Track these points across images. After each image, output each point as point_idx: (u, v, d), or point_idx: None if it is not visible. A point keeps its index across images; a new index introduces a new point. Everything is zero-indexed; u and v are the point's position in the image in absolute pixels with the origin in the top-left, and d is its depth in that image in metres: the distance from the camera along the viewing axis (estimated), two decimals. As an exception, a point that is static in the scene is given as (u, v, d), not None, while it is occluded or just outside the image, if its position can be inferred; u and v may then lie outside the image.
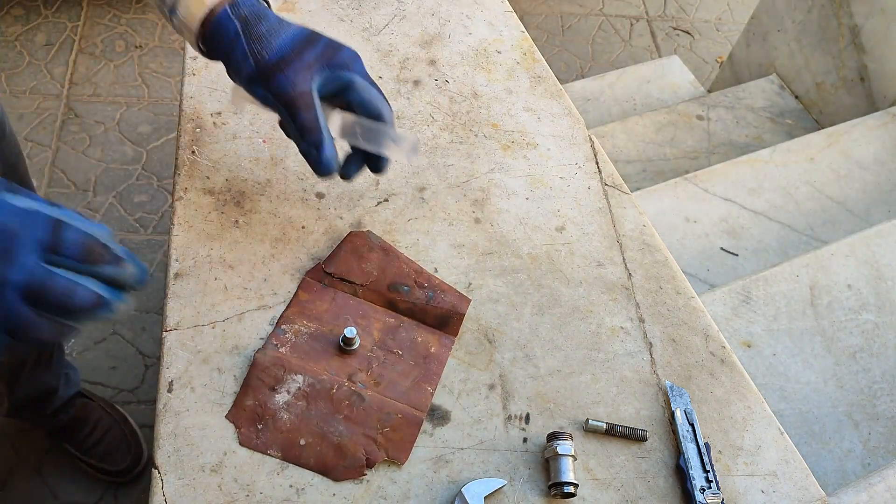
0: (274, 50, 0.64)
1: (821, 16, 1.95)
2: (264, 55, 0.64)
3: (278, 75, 0.64)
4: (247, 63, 0.65)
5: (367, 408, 0.68)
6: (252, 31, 0.65)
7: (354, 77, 0.68)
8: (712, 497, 0.65)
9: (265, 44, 0.65)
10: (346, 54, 0.68)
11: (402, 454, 0.66)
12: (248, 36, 0.65)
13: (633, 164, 1.85)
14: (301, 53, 0.65)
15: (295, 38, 0.66)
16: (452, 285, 0.78)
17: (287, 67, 0.64)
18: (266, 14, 0.66)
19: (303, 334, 0.72)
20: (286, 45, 0.65)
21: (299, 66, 0.64)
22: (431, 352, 0.73)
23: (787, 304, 1.37)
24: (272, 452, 0.65)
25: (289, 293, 0.75)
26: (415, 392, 0.70)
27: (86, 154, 2.13)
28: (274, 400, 0.67)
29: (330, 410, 0.67)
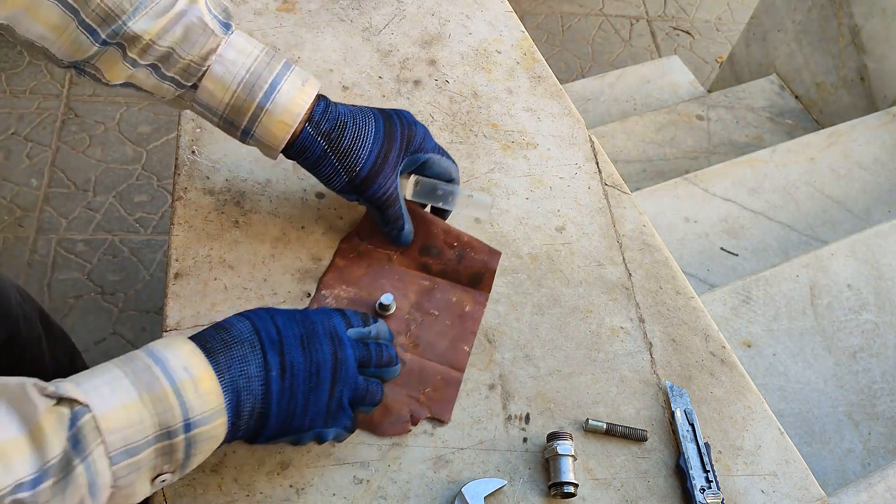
0: (362, 162, 0.69)
1: (821, 16, 1.95)
2: (355, 170, 0.69)
3: (372, 187, 0.70)
4: (338, 178, 0.70)
5: (408, 371, 0.71)
6: (337, 147, 0.69)
7: (430, 156, 0.74)
8: (712, 497, 0.65)
9: (353, 158, 0.69)
10: (419, 136, 0.73)
11: (444, 413, 0.69)
12: (336, 152, 0.69)
13: (633, 164, 1.86)
14: (387, 159, 0.70)
15: (377, 145, 0.70)
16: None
17: (378, 177, 0.70)
18: (344, 122, 0.69)
19: (342, 299, 0.75)
20: (373, 156, 0.69)
21: (388, 172, 0.70)
22: (466, 310, 0.76)
23: (787, 304, 1.37)
24: None
25: (289, 293, 0.75)
26: (452, 352, 0.73)
27: (86, 154, 2.13)
28: None
29: None
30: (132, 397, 0.48)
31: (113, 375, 0.49)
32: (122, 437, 0.47)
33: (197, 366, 0.51)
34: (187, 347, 0.52)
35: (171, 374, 0.50)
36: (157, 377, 0.49)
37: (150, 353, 0.51)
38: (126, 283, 1.88)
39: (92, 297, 1.85)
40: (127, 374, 0.49)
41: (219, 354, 0.53)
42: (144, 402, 0.48)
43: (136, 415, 0.48)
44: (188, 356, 0.52)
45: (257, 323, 0.56)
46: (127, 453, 0.48)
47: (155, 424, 0.49)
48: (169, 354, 0.51)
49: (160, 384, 0.49)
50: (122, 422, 0.47)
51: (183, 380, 0.50)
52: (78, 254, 1.93)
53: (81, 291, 1.86)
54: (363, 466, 0.66)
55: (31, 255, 1.91)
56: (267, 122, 0.67)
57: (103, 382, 0.48)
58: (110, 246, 1.95)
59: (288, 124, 0.67)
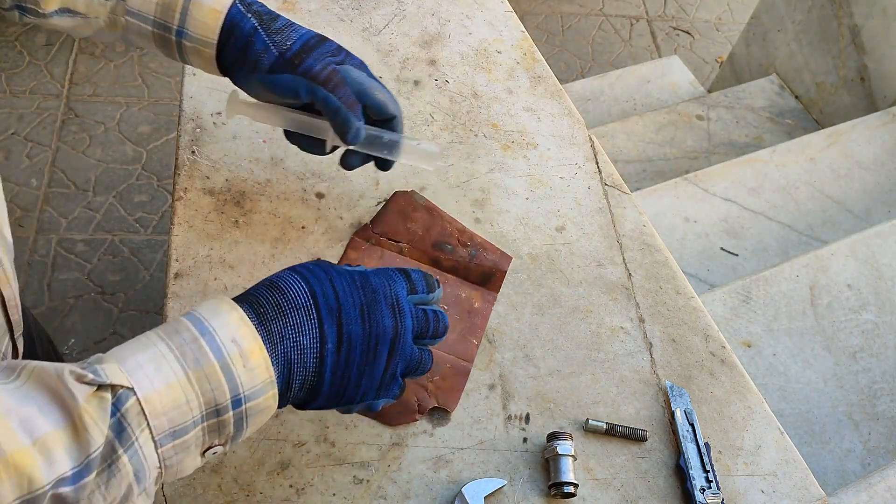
0: (295, 39, 0.66)
1: (821, 16, 1.95)
2: (287, 44, 0.66)
3: (307, 58, 0.66)
4: (269, 53, 0.66)
5: None
6: (269, 26, 0.67)
7: (367, 79, 0.69)
8: (712, 497, 0.65)
9: (285, 35, 0.66)
10: (357, 59, 0.70)
11: (451, 401, 0.70)
12: (266, 30, 0.66)
13: (633, 164, 1.86)
14: (321, 44, 0.67)
15: (311, 33, 0.68)
16: (452, 285, 0.78)
17: (314, 52, 0.66)
18: (276, 14, 0.68)
19: None
20: (306, 36, 0.67)
21: (324, 52, 0.67)
22: (475, 307, 0.76)
23: (787, 304, 1.37)
24: None
25: (289, 293, 0.75)
26: (461, 344, 0.73)
27: (86, 154, 2.13)
28: None
29: None
30: (179, 375, 0.45)
31: (158, 351, 0.46)
32: (169, 419, 0.45)
33: (246, 337, 0.48)
34: (236, 315, 0.49)
35: (219, 348, 0.47)
36: (204, 352, 0.46)
37: (197, 323, 0.48)
38: (126, 283, 1.88)
39: (92, 297, 1.85)
40: (172, 349, 0.46)
41: (271, 322, 0.50)
42: (191, 381, 0.45)
43: (183, 395, 0.45)
44: (237, 326, 0.48)
45: (315, 285, 0.52)
46: (174, 435, 0.45)
47: (202, 404, 0.46)
48: (217, 324, 0.48)
49: (208, 359, 0.46)
50: (168, 403, 0.45)
51: (232, 354, 0.47)
52: (78, 254, 1.93)
53: (81, 291, 1.86)
54: (363, 466, 0.66)
55: (31, 255, 1.91)
56: (197, 13, 0.65)
57: (148, 360, 0.45)
58: (110, 246, 1.95)
59: (218, 10, 0.65)
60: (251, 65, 0.67)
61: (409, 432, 0.68)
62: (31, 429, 0.40)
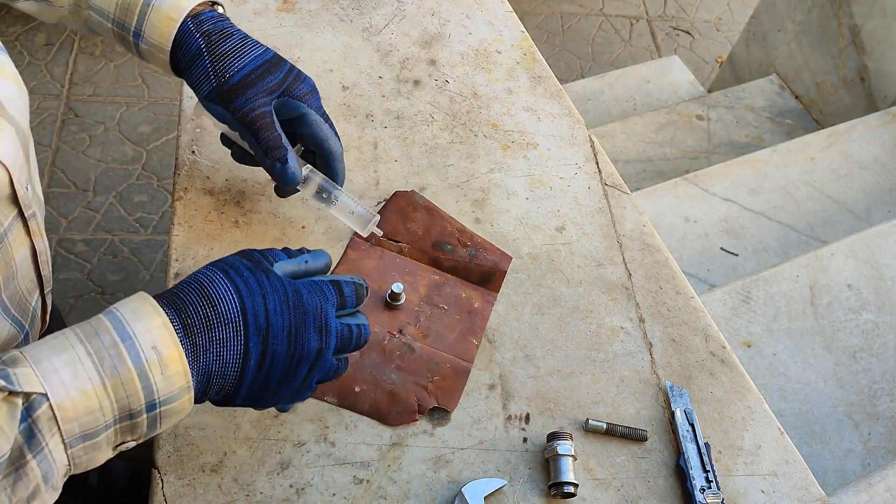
0: (236, 71, 0.65)
1: (821, 16, 1.95)
2: (226, 76, 0.65)
3: (239, 97, 0.65)
4: (207, 81, 0.65)
5: (417, 358, 0.71)
6: (216, 50, 0.65)
7: (308, 111, 0.68)
8: (712, 497, 0.65)
9: (228, 64, 0.65)
10: (306, 87, 0.68)
11: (451, 402, 0.70)
12: (212, 54, 0.65)
13: (633, 164, 1.86)
14: (263, 77, 0.66)
15: (258, 61, 0.66)
16: (452, 285, 0.78)
17: (248, 90, 0.65)
18: (231, 32, 0.66)
19: None
20: (248, 68, 0.65)
21: (261, 90, 0.65)
22: (475, 307, 0.77)
23: (787, 304, 1.37)
24: (329, 399, 0.69)
25: (289, 293, 0.75)
26: (461, 344, 0.74)
27: (86, 154, 2.13)
28: None
29: (382, 360, 0.71)
30: (95, 383, 0.45)
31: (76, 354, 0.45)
32: (80, 424, 0.45)
33: (167, 344, 0.47)
34: (158, 320, 0.48)
35: (138, 354, 0.46)
36: (122, 358, 0.46)
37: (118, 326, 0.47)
38: (126, 283, 1.88)
39: (92, 297, 1.85)
40: (90, 353, 0.45)
41: (197, 335, 0.49)
42: (107, 388, 0.45)
43: (97, 402, 0.45)
44: (159, 332, 0.47)
45: (246, 300, 0.51)
46: (84, 438, 0.45)
47: (116, 410, 0.46)
48: (139, 328, 0.47)
49: (125, 366, 0.46)
50: (82, 410, 0.44)
51: (150, 360, 0.46)
52: (78, 254, 1.93)
53: (81, 291, 1.86)
54: (363, 466, 0.66)
55: (31, 255, 1.91)
56: (154, 19, 0.64)
57: (64, 364, 0.44)
58: (110, 246, 1.95)
59: (173, 19, 0.64)
60: (192, 84, 0.67)
61: (409, 432, 0.68)
62: None
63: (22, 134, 0.58)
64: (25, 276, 0.60)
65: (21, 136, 0.57)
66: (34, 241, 0.59)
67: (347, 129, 0.89)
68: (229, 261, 0.54)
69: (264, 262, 0.54)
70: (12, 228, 0.56)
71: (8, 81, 0.57)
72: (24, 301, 0.60)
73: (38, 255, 0.60)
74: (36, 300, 0.63)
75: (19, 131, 0.57)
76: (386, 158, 0.88)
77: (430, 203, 0.83)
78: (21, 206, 0.56)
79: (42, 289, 0.64)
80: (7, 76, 0.57)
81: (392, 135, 0.90)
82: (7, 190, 0.54)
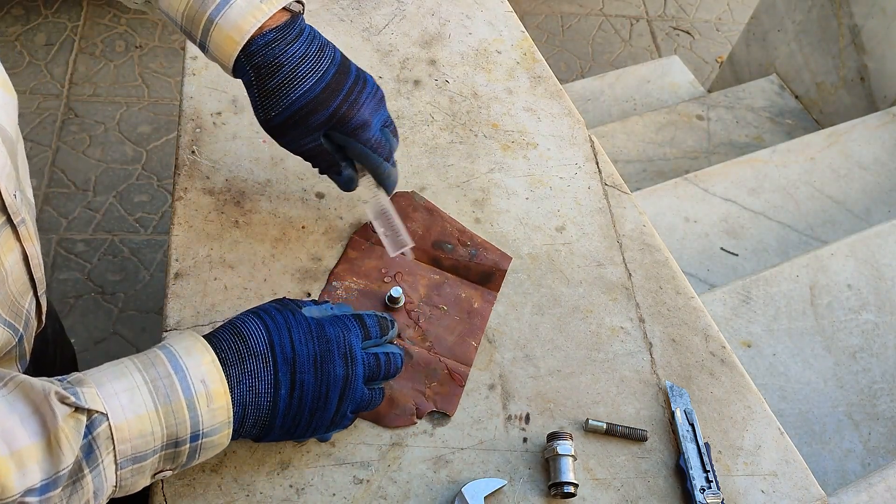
0: (282, 110, 0.64)
1: (821, 16, 1.95)
2: (270, 114, 0.65)
3: (284, 136, 0.67)
4: (257, 114, 0.66)
5: (415, 364, 0.71)
6: (264, 85, 0.64)
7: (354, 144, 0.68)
8: (712, 497, 0.65)
9: (274, 102, 0.64)
10: (356, 120, 0.66)
11: (450, 406, 0.70)
12: (260, 89, 0.64)
13: (633, 164, 1.86)
14: (307, 119, 0.65)
15: (303, 101, 0.64)
16: (452, 285, 0.78)
17: (292, 130, 0.65)
18: (282, 63, 0.63)
19: (353, 290, 0.76)
20: (294, 108, 0.64)
21: (304, 131, 0.65)
22: (475, 307, 0.76)
23: (787, 304, 1.37)
24: None
25: (289, 293, 0.75)
26: (460, 347, 0.73)
27: (86, 154, 2.13)
28: None
29: None
30: (149, 408, 0.49)
31: (134, 382, 0.49)
32: (133, 446, 0.49)
33: (214, 380, 0.52)
34: (208, 357, 0.53)
35: (189, 387, 0.51)
36: (175, 388, 0.50)
37: (172, 359, 0.52)
38: (126, 283, 1.88)
39: (92, 297, 1.85)
40: (147, 381, 0.50)
41: (232, 367, 0.54)
42: (159, 414, 0.49)
43: (150, 426, 0.49)
44: (207, 368, 0.52)
45: (273, 334, 0.56)
46: (134, 460, 0.49)
47: (165, 436, 0.50)
48: (190, 363, 0.52)
49: (177, 395, 0.50)
50: (136, 432, 0.48)
51: (199, 393, 0.51)
52: (78, 254, 1.93)
53: (81, 291, 1.86)
54: (363, 466, 0.66)
55: (31, 255, 1.91)
56: (217, 37, 0.63)
57: (124, 389, 0.49)
58: (110, 246, 1.95)
59: (236, 41, 0.62)
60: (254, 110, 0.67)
61: (409, 432, 0.68)
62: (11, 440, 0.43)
63: (9, 141, 0.58)
64: (17, 280, 0.60)
65: (8, 143, 0.57)
66: (24, 246, 0.60)
67: (347, 129, 0.89)
68: (262, 306, 0.59)
69: (292, 304, 0.59)
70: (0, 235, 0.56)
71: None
72: (16, 304, 0.60)
73: (29, 259, 0.61)
74: (29, 302, 0.63)
75: (6, 138, 0.57)
76: (386, 158, 0.88)
77: (430, 203, 0.83)
78: (9, 213, 0.57)
79: (35, 290, 0.64)
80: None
81: (392, 135, 0.90)
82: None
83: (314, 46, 0.65)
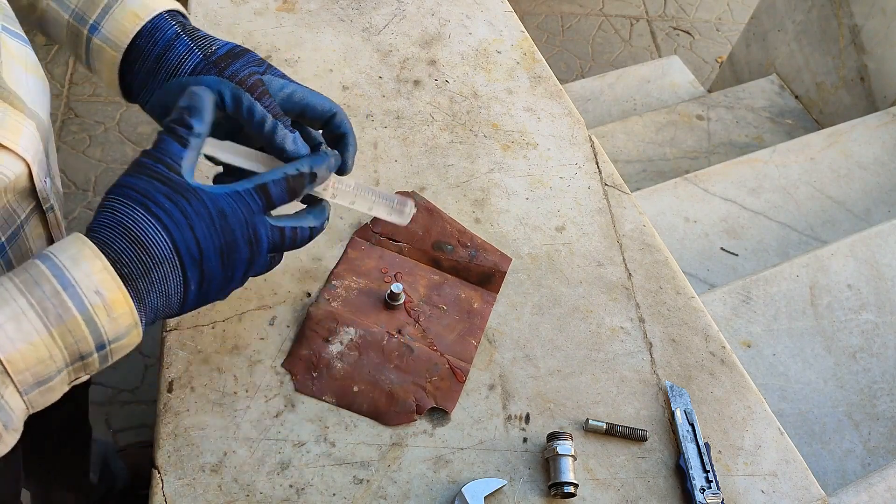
0: (221, 45, 0.63)
1: (821, 16, 1.95)
2: (212, 48, 0.62)
3: (233, 64, 0.61)
4: (192, 55, 0.62)
5: (416, 358, 0.71)
6: (192, 34, 0.63)
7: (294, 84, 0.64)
8: (712, 497, 0.65)
9: (209, 41, 0.63)
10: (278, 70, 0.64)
11: (449, 402, 0.70)
12: (190, 35, 0.63)
13: (633, 164, 1.86)
14: (246, 53, 0.63)
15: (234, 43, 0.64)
16: (452, 285, 0.78)
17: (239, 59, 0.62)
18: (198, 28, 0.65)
19: (353, 290, 0.76)
20: (231, 44, 0.63)
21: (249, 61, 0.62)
22: (474, 307, 0.77)
23: (787, 304, 1.37)
24: (327, 398, 0.69)
25: (289, 293, 0.75)
26: (460, 345, 0.74)
27: (86, 154, 2.13)
28: (328, 350, 0.71)
29: (381, 360, 0.71)
30: (41, 333, 0.45)
31: (18, 307, 0.45)
32: (33, 373, 0.46)
33: (110, 289, 0.48)
34: (99, 264, 0.48)
35: (82, 301, 0.47)
36: (67, 306, 0.46)
37: (59, 274, 0.47)
38: (126, 283, 1.88)
39: (92, 297, 1.85)
40: (32, 304, 0.45)
41: (137, 281, 0.50)
42: (54, 337, 0.46)
43: (46, 351, 0.46)
44: (100, 276, 0.47)
45: (176, 236, 0.51)
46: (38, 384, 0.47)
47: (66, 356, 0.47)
48: (79, 274, 0.47)
49: (70, 314, 0.46)
50: (32, 360, 0.45)
51: (95, 305, 0.47)
52: (78, 254, 1.93)
53: (81, 291, 1.86)
54: (363, 466, 0.66)
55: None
56: (118, 13, 0.62)
57: (7, 318, 0.45)
58: (110, 246, 1.95)
59: (139, 16, 0.62)
60: (171, 69, 0.62)
61: (409, 432, 0.68)
62: None
63: (43, 127, 0.58)
64: None
65: (42, 129, 0.57)
66: (52, 233, 0.60)
67: (347, 129, 0.89)
68: (142, 188, 0.51)
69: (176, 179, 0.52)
70: (29, 221, 0.57)
71: (30, 75, 0.56)
72: None
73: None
74: None
75: (40, 125, 0.57)
76: (386, 158, 0.88)
77: (430, 203, 0.83)
78: (39, 198, 0.57)
79: None
80: (30, 69, 0.56)
81: (392, 135, 0.90)
82: (25, 183, 0.55)
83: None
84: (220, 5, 1.01)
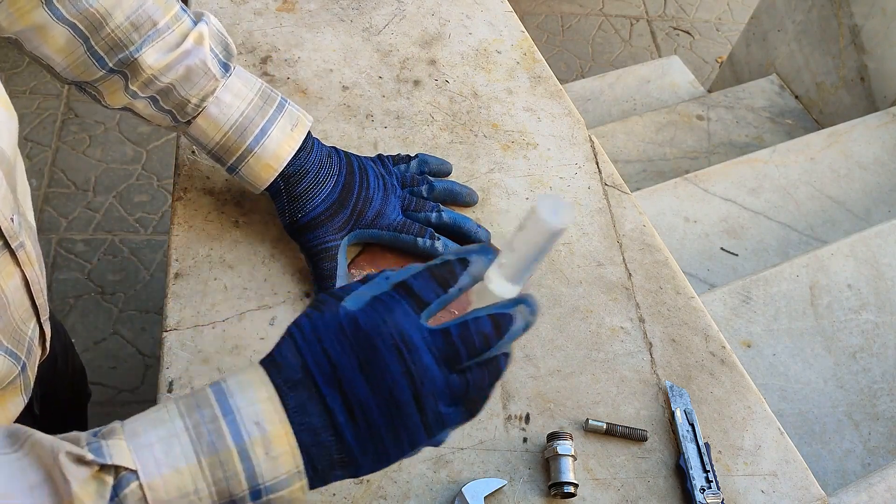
0: (306, 212, 0.72)
1: (821, 16, 1.95)
2: (297, 216, 0.72)
3: (305, 235, 0.73)
4: (283, 217, 0.73)
5: None
6: (292, 190, 0.72)
7: (381, 234, 0.75)
8: (712, 497, 0.65)
9: (300, 205, 0.72)
10: (371, 212, 0.75)
11: None
12: (289, 194, 0.72)
13: (633, 164, 1.86)
14: (331, 218, 0.73)
15: (326, 203, 0.72)
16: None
17: (314, 230, 0.72)
18: (307, 170, 0.72)
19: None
20: (318, 210, 0.72)
21: (329, 229, 0.73)
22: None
23: (787, 304, 1.37)
24: None
25: (289, 293, 0.75)
26: None
27: (86, 154, 2.13)
28: None
29: None
30: (189, 460, 0.40)
31: (173, 429, 0.41)
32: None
33: (271, 421, 0.41)
34: (264, 392, 0.42)
35: (239, 431, 0.41)
36: (222, 434, 0.41)
37: (221, 398, 0.42)
38: (126, 283, 1.89)
39: (92, 297, 1.86)
40: (188, 427, 0.41)
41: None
42: (202, 467, 0.40)
43: (191, 483, 0.40)
44: (264, 406, 0.41)
45: (306, 355, 0.43)
46: None
47: (214, 493, 0.41)
48: (242, 402, 0.41)
49: (224, 443, 0.41)
50: (174, 490, 0.40)
51: (253, 438, 0.41)
52: (78, 254, 1.93)
53: (81, 291, 1.86)
54: (363, 466, 0.65)
55: (31, 255, 1.91)
56: (253, 164, 0.71)
57: (159, 439, 0.40)
58: (110, 246, 1.95)
59: (273, 168, 0.71)
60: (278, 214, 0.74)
61: (409, 432, 0.68)
62: None
63: (6, 162, 0.56)
64: (19, 307, 0.58)
65: (4, 164, 0.56)
66: (25, 271, 0.57)
67: (347, 130, 0.89)
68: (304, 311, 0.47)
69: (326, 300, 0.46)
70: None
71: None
72: (18, 331, 0.59)
73: (30, 284, 0.59)
74: (32, 328, 0.62)
75: (3, 161, 0.55)
76: (386, 158, 0.88)
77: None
78: (6, 237, 0.54)
79: (38, 317, 0.63)
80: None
81: (392, 135, 0.90)
82: None
83: (324, 153, 0.74)
84: (220, 5, 1.01)
